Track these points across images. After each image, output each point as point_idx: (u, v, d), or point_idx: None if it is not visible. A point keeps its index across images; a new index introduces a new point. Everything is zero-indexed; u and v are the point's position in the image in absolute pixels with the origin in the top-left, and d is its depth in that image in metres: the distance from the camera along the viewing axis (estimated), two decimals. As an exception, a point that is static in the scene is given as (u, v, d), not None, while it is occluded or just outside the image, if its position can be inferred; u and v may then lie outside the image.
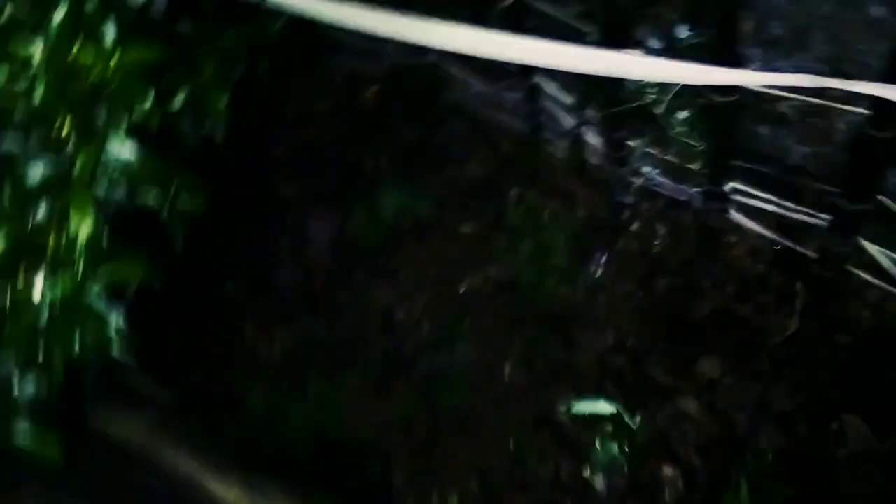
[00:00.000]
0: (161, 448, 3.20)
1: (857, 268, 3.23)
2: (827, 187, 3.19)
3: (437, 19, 2.16)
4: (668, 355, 3.54)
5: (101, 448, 3.31)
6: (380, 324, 4.12)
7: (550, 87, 3.94)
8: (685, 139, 3.67)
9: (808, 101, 3.41)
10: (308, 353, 4.12)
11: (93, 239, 2.45)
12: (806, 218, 3.34)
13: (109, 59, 2.55)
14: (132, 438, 3.30)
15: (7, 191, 2.47)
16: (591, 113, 3.84)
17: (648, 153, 3.73)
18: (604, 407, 3.42)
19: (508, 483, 3.44)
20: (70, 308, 2.46)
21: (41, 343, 2.46)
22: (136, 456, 3.23)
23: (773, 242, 3.56)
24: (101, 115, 2.55)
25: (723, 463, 3.14)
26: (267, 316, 4.28)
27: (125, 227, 2.65)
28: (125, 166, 2.56)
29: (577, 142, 4.06)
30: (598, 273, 3.92)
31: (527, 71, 3.87)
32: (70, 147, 2.52)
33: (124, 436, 3.32)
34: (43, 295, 2.39)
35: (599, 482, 3.28)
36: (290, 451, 3.61)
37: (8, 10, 2.51)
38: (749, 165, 3.43)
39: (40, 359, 2.49)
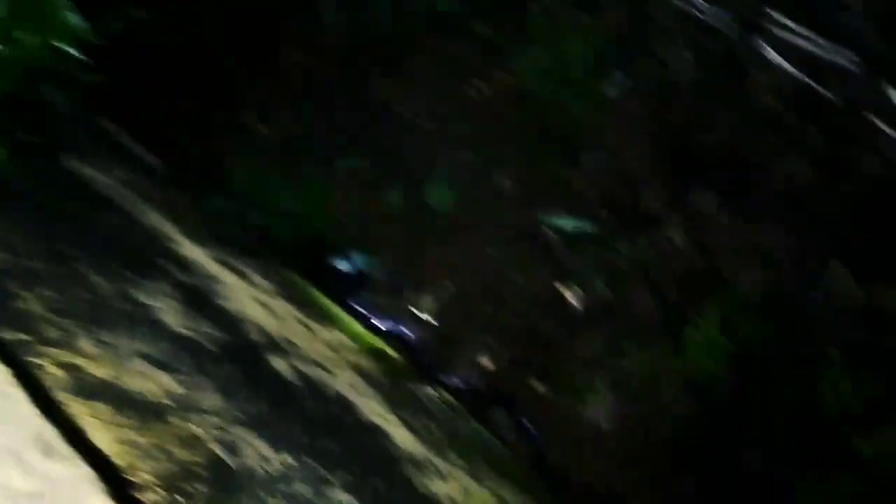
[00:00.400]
0: (136, 203, 3.13)
1: (877, 117, 3.05)
2: (866, 28, 2.96)
3: None
4: (665, 185, 3.43)
5: (73, 187, 3.17)
6: (380, 118, 4.00)
7: None
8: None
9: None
10: (304, 140, 4.01)
11: None
12: (837, 59, 3.15)
13: None
14: (109, 188, 3.21)
15: None
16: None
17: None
18: (590, 227, 3.35)
19: (485, 291, 3.41)
20: None
21: None
22: (108, 203, 3.12)
23: (797, 82, 3.37)
24: None
25: (700, 296, 3.09)
26: (266, 96, 4.15)
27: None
28: None
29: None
30: (614, 93, 3.75)
31: None
32: None
33: (100, 183, 3.22)
34: None
35: (574, 299, 3.25)
36: (271, 231, 3.58)
37: None
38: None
39: None
